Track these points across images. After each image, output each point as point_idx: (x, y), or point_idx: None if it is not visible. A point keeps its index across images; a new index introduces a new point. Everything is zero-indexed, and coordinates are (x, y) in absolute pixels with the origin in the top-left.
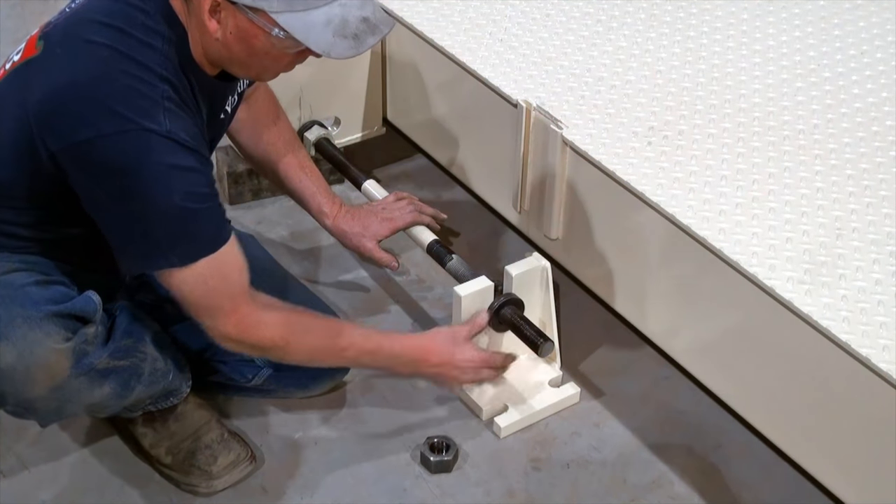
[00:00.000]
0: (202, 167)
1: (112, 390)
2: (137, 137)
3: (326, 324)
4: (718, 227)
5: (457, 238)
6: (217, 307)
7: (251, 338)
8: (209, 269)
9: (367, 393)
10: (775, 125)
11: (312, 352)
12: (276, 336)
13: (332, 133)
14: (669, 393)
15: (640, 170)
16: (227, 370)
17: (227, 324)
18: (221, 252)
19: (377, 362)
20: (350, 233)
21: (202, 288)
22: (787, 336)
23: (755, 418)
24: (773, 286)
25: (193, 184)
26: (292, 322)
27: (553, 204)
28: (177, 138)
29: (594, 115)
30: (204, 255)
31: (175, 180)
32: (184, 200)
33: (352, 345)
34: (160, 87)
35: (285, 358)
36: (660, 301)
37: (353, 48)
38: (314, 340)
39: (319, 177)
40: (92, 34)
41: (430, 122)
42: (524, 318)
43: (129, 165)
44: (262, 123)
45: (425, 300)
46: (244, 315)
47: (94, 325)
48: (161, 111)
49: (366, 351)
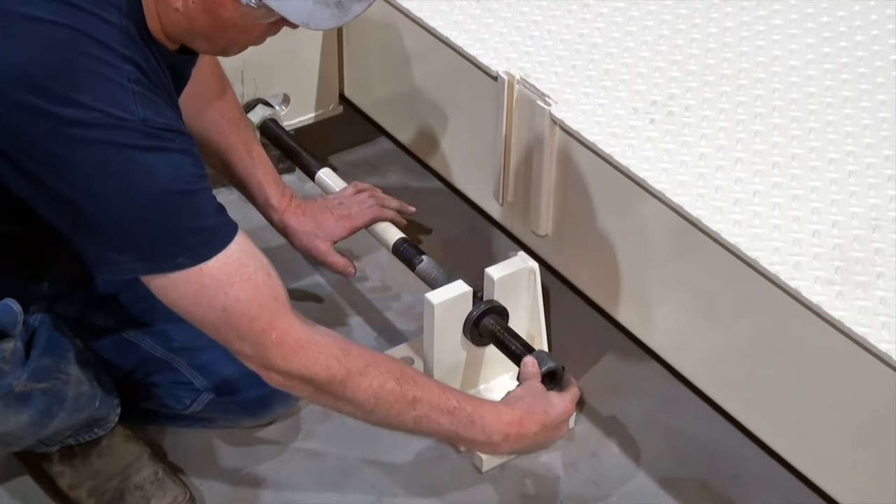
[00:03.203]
0: (189, 148)
1: (31, 418)
2: (108, 131)
3: (391, 362)
4: (733, 218)
5: (428, 236)
6: (247, 321)
7: (301, 364)
8: (226, 268)
9: (325, 421)
10: (799, 98)
11: (378, 395)
12: (333, 364)
13: (279, 113)
14: (679, 415)
15: (641, 152)
16: (161, 395)
17: (266, 344)
18: (236, 245)
19: (453, 428)
20: (300, 231)
21: (222, 297)
22: (815, 347)
23: (779, 444)
24: (798, 288)
25: (181, 165)
26: (350, 349)
27: (541, 194)
28: (154, 125)
29: (587, 89)
30: (216, 248)
31: (159, 164)
32: (174, 183)
33: (426, 397)
34: (125, 69)
35: (341, 399)
36: (666, 307)
37: (337, 17)
38: (380, 379)
39: (268, 164)
40: (33, 9)
41: (395, 99)
42: (508, 329)
43: (103, 162)
44: (205, 99)
45: (391, 310)
46: (286, 330)
47: (13, 339)
48: (130, 97)
49: (442, 408)
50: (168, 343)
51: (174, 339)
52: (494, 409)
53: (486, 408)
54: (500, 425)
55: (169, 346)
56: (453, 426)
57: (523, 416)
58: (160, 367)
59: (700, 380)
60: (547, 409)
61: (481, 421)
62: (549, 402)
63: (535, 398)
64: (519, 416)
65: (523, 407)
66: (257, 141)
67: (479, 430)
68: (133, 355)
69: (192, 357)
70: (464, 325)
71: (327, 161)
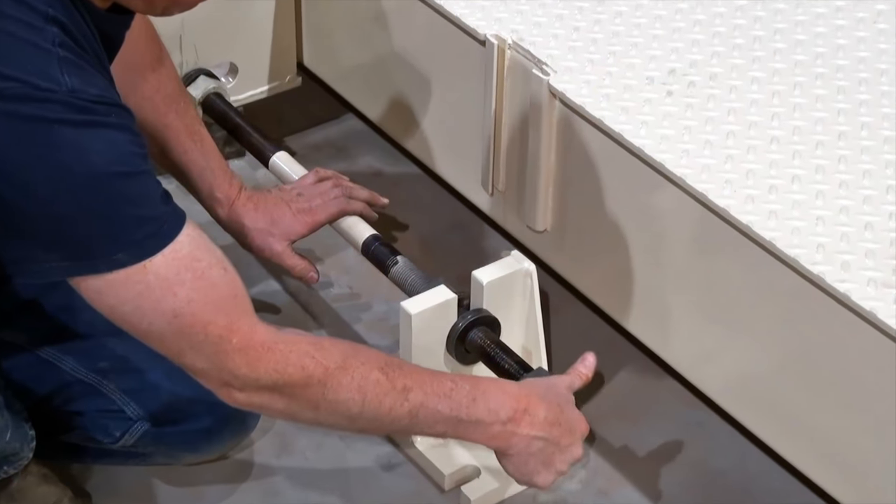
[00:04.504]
0: (127, 123)
1: None
2: (30, 104)
3: (369, 350)
4: (768, 209)
5: (404, 232)
6: (202, 326)
7: (270, 369)
8: (175, 264)
9: (282, 454)
10: (847, 65)
11: (364, 390)
12: (307, 362)
13: (225, 86)
14: (704, 445)
15: (657, 130)
16: (86, 425)
17: (226, 352)
18: (186, 236)
19: (455, 413)
20: (252, 228)
21: (171, 299)
22: (869, 361)
23: (824, 478)
24: (847, 292)
25: (119, 143)
26: (322, 342)
27: (538, 182)
28: (85, 97)
29: (592, 55)
30: (163, 241)
31: (93, 143)
32: (111, 165)
33: (417, 383)
34: (49, 31)
35: (323, 405)
36: (687, 316)
37: None
38: (363, 371)
39: (213, 148)
40: None
41: (363, 68)
42: (501, 344)
43: (24, 141)
44: (137, 70)
45: (360, 322)
46: (248, 333)
47: None
48: (56, 63)
49: (437, 393)
50: (94, 363)
51: (102, 358)
52: (496, 384)
53: (487, 382)
54: (507, 399)
55: (95, 367)
56: (454, 411)
57: (531, 396)
58: (84, 391)
59: (728, 402)
60: (562, 404)
61: (484, 397)
62: (567, 398)
63: (549, 388)
64: (526, 394)
65: (532, 389)
66: (200, 120)
67: (483, 409)
68: (51, 378)
69: (124, 379)
70: (447, 339)
71: (283, 143)
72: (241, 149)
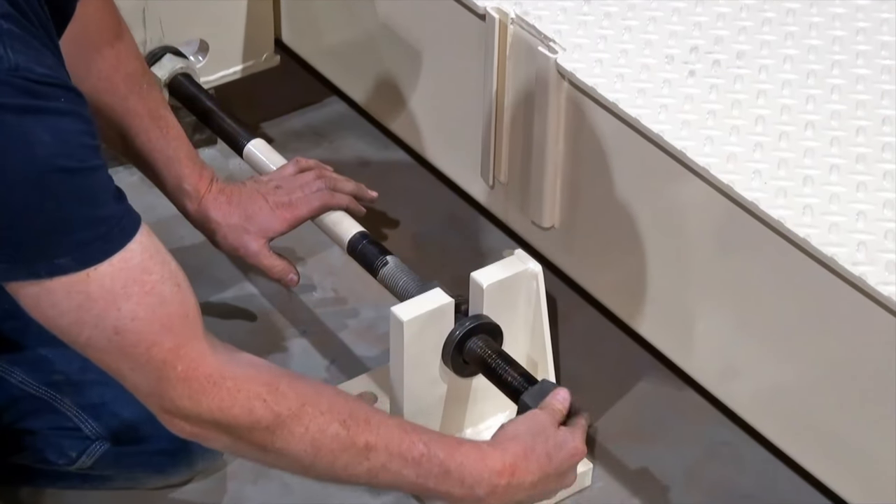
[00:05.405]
0: (78, 109)
1: None
2: None
3: (336, 396)
4: (803, 202)
5: (395, 229)
6: (145, 348)
7: (213, 406)
8: (123, 275)
9: (259, 479)
10: (892, 42)
11: (318, 444)
12: (256, 405)
13: (194, 66)
14: (731, 467)
15: (677, 115)
16: (38, 445)
17: (168, 379)
18: (138, 244)
19: (421, 481)
20: (225, 225)
21: (114, 314)
22: None
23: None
24: (891, 295)
25: (68, 133)
26: (279, 383)
27: (544, 172)
28: (31, 77)
29: (605, 30)
30: (111, 247)
31: (38, 131)
32: (58, 157)
33: (382, 443)
34: None
35: (270, 452)
36: (711, 322)
37: None
38: (321, 422)
39: (181, 135)
40: None
41: (349, 45)
42: (502, 353)
43: None
44: (92, 45)
45: (346, 329)
46: (195, 361)
47: None
48: None
49: (405, 457)
50: (47, 376)
51: (55, 371)
52: (477, 453)
53: (466, 451)
54: (486, 474)
55: (48, 380)
56: (421, 478)
57: (517, 461)
58: (36, 407)
59: (757, 418)
60: (551, 451)
61: (459, 469)
62: (555, 441)
63: (535, 436)
64: (511, 461)
65: (518, 449)
66: (166, 104)
67: (457, 482)
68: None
69: (81, 394)
70: (443, 349)
71: (259, 129)
72: (212, 136)
